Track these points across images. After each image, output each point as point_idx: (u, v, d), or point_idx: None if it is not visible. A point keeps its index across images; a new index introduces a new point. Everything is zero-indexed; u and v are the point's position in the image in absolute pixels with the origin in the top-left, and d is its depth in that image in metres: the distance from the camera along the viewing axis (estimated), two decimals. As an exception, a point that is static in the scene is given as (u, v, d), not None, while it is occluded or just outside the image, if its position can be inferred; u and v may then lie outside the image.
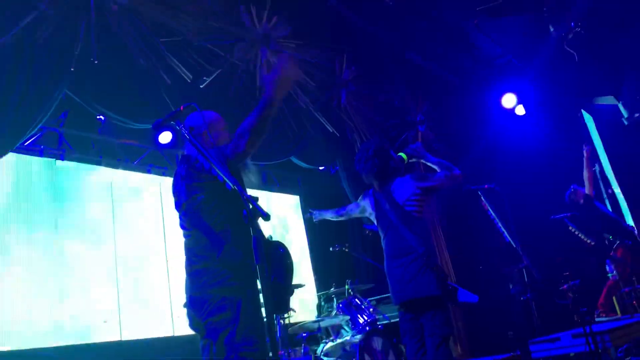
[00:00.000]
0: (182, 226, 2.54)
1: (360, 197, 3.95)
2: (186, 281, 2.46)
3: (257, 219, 2.13)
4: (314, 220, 4.17)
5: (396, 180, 3.70)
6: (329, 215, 4.11)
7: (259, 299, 2.33)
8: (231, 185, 2.16)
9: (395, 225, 3.63)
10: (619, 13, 6.59)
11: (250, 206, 2.09)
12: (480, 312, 5.99)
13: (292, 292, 2.52)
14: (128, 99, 4.94)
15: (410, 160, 3.74)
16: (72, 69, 4.43)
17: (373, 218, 3.86)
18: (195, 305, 2.36)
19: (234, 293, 2.29)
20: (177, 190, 2.56)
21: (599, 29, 6.80)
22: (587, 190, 6.40)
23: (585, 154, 6.44)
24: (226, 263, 2.32)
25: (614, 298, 6.28)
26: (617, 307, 6.46)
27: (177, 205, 2.56)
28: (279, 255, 2.44)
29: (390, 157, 3.74)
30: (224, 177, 2.19)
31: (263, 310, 2.28)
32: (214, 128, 2.64)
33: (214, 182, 2.37)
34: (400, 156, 3.69)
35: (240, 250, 2.33)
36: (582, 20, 6.71)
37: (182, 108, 2.44)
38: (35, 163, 5.43)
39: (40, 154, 5.46)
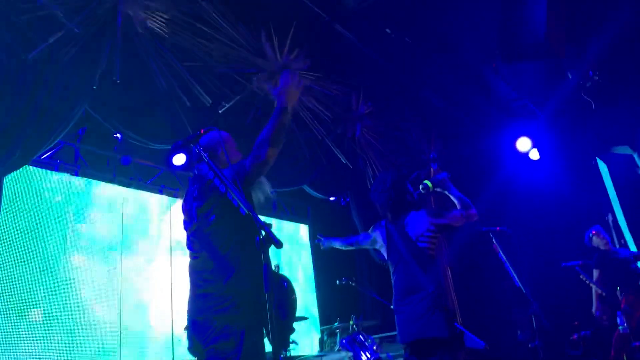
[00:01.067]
0: (189, 247, 2.51)
1: (371, 228, 3.88)
2: (189, 303, 2.42)
3: (269, 247, 2.11)
4: (322, 247, 4.12)
5: (411, 214, 3.66)
6: (338, 244, 4.06)
7: (262, 330, 2.29)
8: (245, 210, 2.15)
9: (406, 261, 3.55)
10: (636, 62, 6.62)
11: (263, 233, 2.07)
12: (486, 358, 5.85)
13: (292, 330, 2.48)
14: (146, 120, 5.01)
15: (435, 190, 3.71)
16: (94, 87, 4.52)
17: (384, 251, 3.78)
18: (198, 329, 2.32)
19: (238, 322, 2.26)
20: (187, 210, 2.55)
21: (616, 77, 6.83)
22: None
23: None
24: (232, 290, 2.29)
25: (624, 353, 6.11)
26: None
27: (187, 226, 2.54)
28: (282, 291, 2.40)
29: (406, 191, 3.71)
30: (239, 201, 2.18)
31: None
32: (228, 147, 2.67)
33: (226, 206, 2.36)
34: (426, 184, 3.66)
35: (248, 279, 2.30)
36: (599, 68, 6.75)
37: (202, 131, 2.47)
38: (49, 176, 5.47)
39: (56, 168, 5.51)
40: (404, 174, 3.89)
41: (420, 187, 3.67)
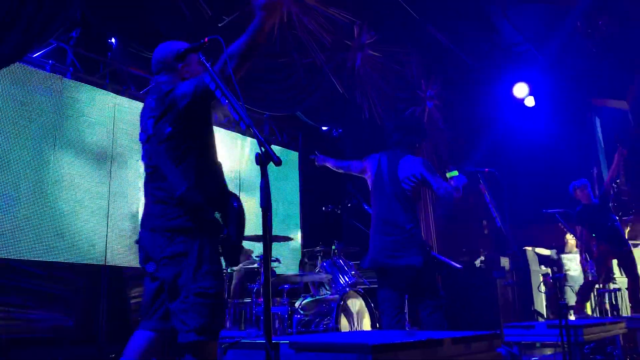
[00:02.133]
0: (144, 159, 2.47)
1: (365, 157, 4.01)
2: (143, 216, 2.41)
3: (268, 163, 2.08)
4: (317, 163, 4.24)
5: (407, 156, 3.78)
6: (331, 164, 4.17)
7: (217, 243, 2.31)
8: (246, 124, 2.12)
9: (388, 196, 3.73)
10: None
11: (263, 149, 2.04)
12: (460, 291, 6.10)
13: (241, 249, 2.48)
14: (144, 27, 4.86)
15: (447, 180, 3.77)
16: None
17: (370, 182, 3.94)
18: (150, 241, 2.31)
19: (191, 234, 2.25)
20: (144, 122, 2.46)
21: (620, 28, 6.73)
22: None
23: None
24: (185, 204, 2.27)
25: (590, 298, 6.41)
26: (589, 308, 6.61)
27: (142, 137, 2.47)
28: (232, 209, 2.38)
29: (420, 137, 3.85)
30: (239, 115, 2.13)
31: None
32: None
33: (184, 118, 2.30)
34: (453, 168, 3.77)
35: (201, 194, 2.29)
36: (608, 17, 6.62)
37: (206, 40, 2.39)
38: (40, 77, 5.34)
39: (47, 68, 5.37)
40: (420, 120, 3.99)
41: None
